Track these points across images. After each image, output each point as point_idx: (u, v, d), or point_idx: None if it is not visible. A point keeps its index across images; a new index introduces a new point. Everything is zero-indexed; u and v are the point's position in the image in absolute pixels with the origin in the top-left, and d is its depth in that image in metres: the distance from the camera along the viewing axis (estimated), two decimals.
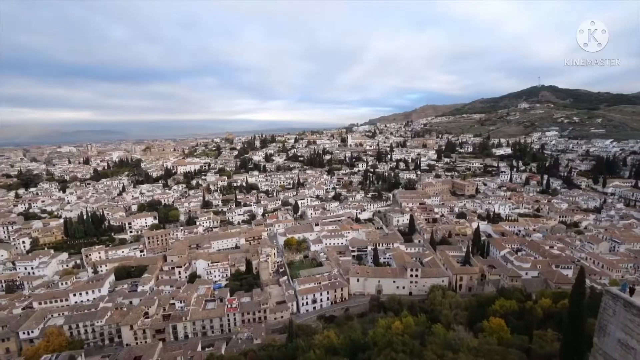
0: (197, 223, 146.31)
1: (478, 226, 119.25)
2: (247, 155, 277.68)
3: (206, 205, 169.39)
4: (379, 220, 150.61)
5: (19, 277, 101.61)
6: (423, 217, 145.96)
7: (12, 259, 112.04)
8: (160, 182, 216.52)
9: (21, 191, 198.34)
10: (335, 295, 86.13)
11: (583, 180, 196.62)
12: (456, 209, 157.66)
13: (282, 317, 78.77)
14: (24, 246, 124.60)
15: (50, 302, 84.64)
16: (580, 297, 38.38)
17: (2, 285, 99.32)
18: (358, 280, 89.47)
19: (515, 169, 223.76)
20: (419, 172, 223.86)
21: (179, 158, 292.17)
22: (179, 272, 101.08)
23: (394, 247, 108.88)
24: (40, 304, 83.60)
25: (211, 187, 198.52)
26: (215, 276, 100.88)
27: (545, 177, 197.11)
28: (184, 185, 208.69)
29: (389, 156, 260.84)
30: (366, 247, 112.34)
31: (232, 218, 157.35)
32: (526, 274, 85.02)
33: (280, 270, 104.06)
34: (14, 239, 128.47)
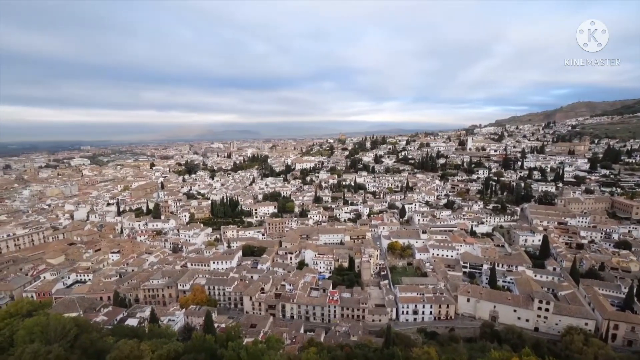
0: (309, 216, 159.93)
1: None
2: (357, 155, 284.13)
3: (317, 200, 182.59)
4: (500, 237, 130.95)
5: (180, 242, 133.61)
6: (562, 240, 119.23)
7: (178, 227, 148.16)
8: (281, 176, 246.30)
9: (186, 176, 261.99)
10: (439, 311, 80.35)
11: None
12: (615, 236, 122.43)
13: (380, 320, 78.48)
14: (185, 219, 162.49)
15: (198, 265, 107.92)
16: None
17: (170, 246, 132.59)
18: (468, 300, 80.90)
19: None
20: (560, 185, 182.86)
21: (298, 156, 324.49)
22: (291, 258, 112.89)
23: (518, 271, 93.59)
24: (192, 265, 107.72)
25: (322, 184, 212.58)
26: (320, 267, 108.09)
27: None
28: (300, 181, 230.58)
29: (519, 163, 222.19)
30: (481, 265, 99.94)
31: (339, 215, 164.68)
32: None
33: (382, 273, 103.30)
34: (179, 212, 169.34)
